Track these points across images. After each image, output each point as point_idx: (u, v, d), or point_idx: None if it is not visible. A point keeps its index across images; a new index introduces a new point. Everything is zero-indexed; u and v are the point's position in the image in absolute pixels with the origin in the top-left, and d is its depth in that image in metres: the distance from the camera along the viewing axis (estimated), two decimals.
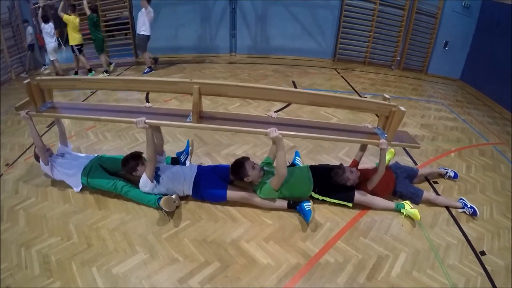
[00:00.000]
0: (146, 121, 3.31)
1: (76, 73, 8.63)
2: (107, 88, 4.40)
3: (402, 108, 3.13)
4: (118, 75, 8.54)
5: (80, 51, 8.39)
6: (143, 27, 8.23)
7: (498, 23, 7.95)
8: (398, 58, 9.84)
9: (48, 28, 8.11)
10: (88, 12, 8.04)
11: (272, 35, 10.16)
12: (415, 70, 9.96)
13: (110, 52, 10.03)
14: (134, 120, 3.31)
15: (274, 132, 3.19)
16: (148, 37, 8.41)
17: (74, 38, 8.21)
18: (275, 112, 3.74)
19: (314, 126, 3.59)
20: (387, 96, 3.33)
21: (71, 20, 8.00)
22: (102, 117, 3.53)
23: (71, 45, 8.35)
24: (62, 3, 7.95)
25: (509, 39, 7.63)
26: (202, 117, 3.41)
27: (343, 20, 9.56)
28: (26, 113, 3.62)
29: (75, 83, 4.08)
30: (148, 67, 8.82)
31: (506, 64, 7.59)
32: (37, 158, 4.07)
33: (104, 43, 8.84)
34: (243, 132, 3.38)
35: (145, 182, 3.66)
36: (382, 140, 3.34)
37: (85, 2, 7.99)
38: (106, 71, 8.61)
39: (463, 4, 8.83)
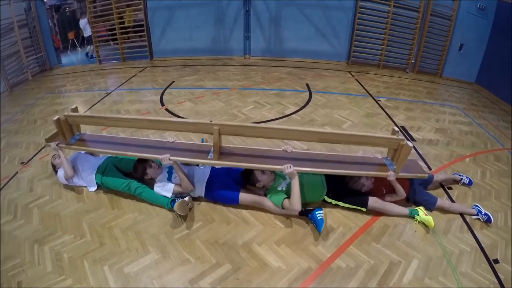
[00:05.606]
0: (171, 157, 3.48)
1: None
2: (133, 126, 4.66)
3: (410, 144, 3.34)
4: (133, 77, 8.66)
5: None
6: None
7: None
8: (413, 61, 9.71)
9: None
10: None
11: (286, 37, 10.12)
12: (429, 73, 9.81)
13: (125, 54, 10.19)
14: (160, 157, 3.47)
15: (289, 168, 3.31)
16: None
17: None
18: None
19: (328, 159, 3.77)
20: (396, 129, 3.54)
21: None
22: (129, 153, 3.72)
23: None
24: None
25: None
26: (222, 153, 3.65)
27: (357, 22, 9.47)
28: (56, 145, 3.76)
29: (102, 120, 4.20)
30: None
31: None
32: (54, 168, 4.14)
33: None
34: (261, 168, 3.57)
35: (165, 189, 3.70)
36: (390, 172, 3.50)
37: None
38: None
39: (478, 6, 8.67)
